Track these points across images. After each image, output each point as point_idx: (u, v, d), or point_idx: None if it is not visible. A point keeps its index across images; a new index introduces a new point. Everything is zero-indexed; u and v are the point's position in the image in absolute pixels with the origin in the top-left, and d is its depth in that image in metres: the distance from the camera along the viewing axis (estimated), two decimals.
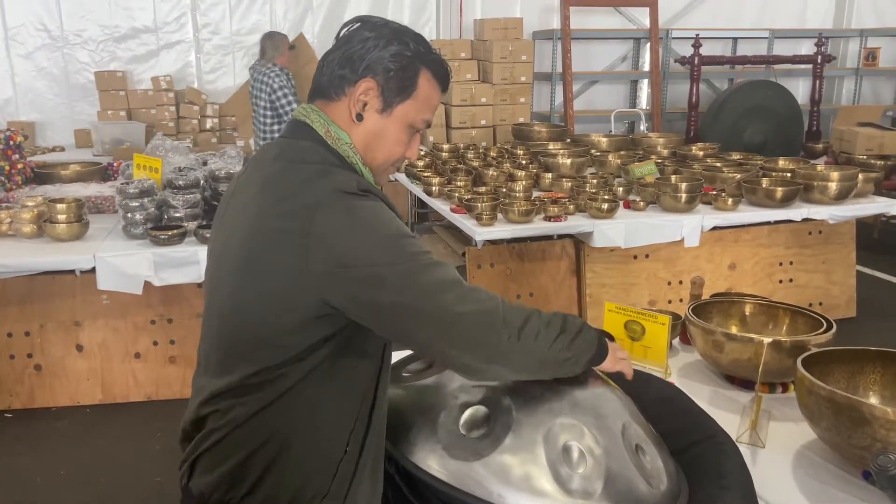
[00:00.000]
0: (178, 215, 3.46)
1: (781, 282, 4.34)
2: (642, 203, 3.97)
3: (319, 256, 1.14)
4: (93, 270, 3.22)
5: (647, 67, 7.51)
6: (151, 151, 4.02)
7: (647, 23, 7.19)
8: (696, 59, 6.27)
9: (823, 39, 6.66)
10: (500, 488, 1.19)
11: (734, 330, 1.89)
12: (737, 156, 5.01)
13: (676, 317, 2.02)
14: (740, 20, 7.78)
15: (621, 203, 3.92)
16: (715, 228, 3.96)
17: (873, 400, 1.56)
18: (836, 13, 8.25)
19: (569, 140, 5.65)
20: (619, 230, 3.73)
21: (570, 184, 4.26)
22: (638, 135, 6.11)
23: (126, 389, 3.55)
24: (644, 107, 7.59)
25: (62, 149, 6.19)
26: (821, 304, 4.39)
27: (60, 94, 6.43)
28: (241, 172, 1.39)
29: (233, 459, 1.24)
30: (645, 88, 7.73)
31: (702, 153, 5.06)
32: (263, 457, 1.23)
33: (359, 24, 1.30)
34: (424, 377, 1.44)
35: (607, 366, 1.35)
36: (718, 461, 1.34)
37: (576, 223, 3.77)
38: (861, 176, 4.19)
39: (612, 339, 1.55)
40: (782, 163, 4.72)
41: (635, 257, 4.02)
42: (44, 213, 3.42)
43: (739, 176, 4.21)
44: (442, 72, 1.34)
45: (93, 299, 3.42)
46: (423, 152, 5.26)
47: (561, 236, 3.95)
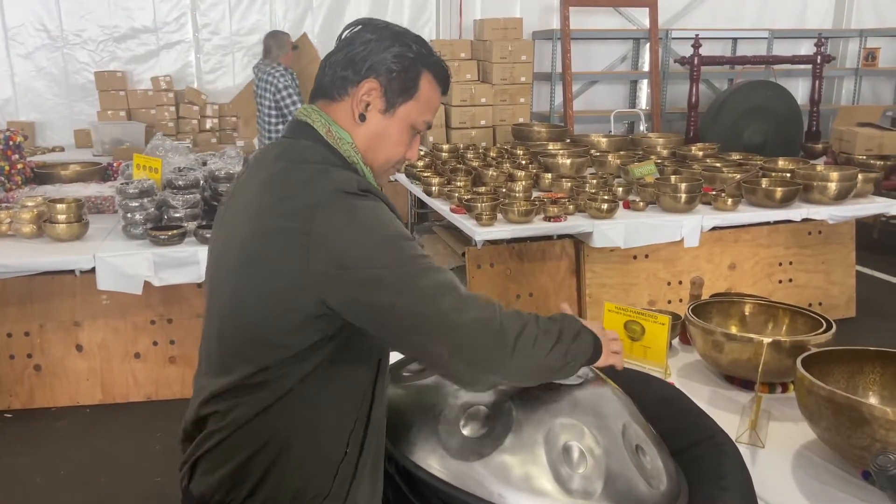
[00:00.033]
0: (177, 215, 3.46)
1: (781, 282, 4.34)
2: (642, 203, 3.97)
3: (320, 256, 1.14)
4: (93, 270, 3.22)
5: (646, 68, 7.51)
6: (151, 151, 4.02)
7: (647, 23, 7.19)
8: (696, 59, 6.26)
9: (823, 40, 6.65)
10: (501, 488, 1.19)
11: (734, 330, 1.89)
12: (736, 156, 5.01)
13: (676, 317, 2.02)
14: (740, 20, 7.78)
15: (621, 203, 3.92)
16: (714, 229, 3.96)
17: (873, 400, 1.57)
18: (835, 13, 8.25)
19: (568, 140, 5.65)
20: (619, 230, 3.73)
21: (569, 184, 4.26)
22: (637, 135, 6.11)
23: (126, 389, 3.55)
24: (644, 107, 7.59)
25: (62, 149, 6.18)
26: (820, 304, 4.39)
27: (60, 95, 6.42)
28: (242, 172, 1.39)
29: (234, 461, 1.24)
30: (644, 89, 7.73)
31: (701, 153, 5.06)
32: (264, 458, 1.23)
33: (361, 27, 1.32)
34: (425, 377, 1.44)
35: (599, 363, 1.36)
36: (718, 461, 1.34)
37: (575, 223, 3.77)
38: (860, 176, 4.19)
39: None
40: (782, 163, 4.72)
41: (635, 257, 4.02)
42: (44, 213, 3.43)
43: (739, 176, 4.21)
44: (443, 74, 1.35)
45: (93, 299, 3.42)
46: (422, 152, 5.26)
47: (561, 236, 3.95)
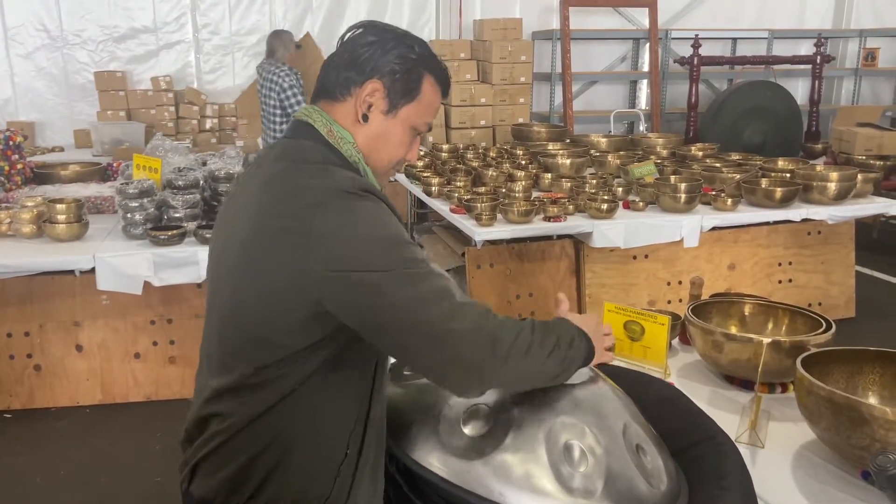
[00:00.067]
0: (177, 215, 3.46)
1: (781, 282, 4.34)
2: (642, 203, 3.97)
3: (320, 256, 1.14)
4: (92, 271, 3.22)
5: (646, 68, 7.51)
6: (151, 152, 4.02)
7: (647, 23, 7.19)
8: (696, 59, 6.27)
9: (823, 40, 6.66)
10: (502, 487, 1.19)
11: (733, 330, 1.90)
12: (736, 156, 5.01)
13: (676, 317, 2.02)
14: (739, 20, 7.78)
15: (621, 203, 3.92)
16: (714, 229, 3.96)
17: (872, 400, 1.57)
18: (835, 13, 8.26)
19: (568, 140, 5.65)
20: (619, 230, 3.74)
21: (569, 184, 4.26)
22: (637, 135, 6.11)
23: (126, 389, 3.55)
24: (643, 107, 7.59)
25: (62, 149, 6.18)
26: (820, 304, 4.39)
27: (60, 95, 6.42)
28: (242, 173, 1.39)
29: (235, 463, 1.24)
30: (644, 89, 7.73)
31: (701, 153, 5.06)
32: (266, 461, 1.23)
33: (363, 29, 1.32)
34: None
35: (591, 364, 1.35)
36: (718, 461, 1.34)
37: (575, 223, 3.77)
38: (860, 176, 4.19)
39: None
40: (781, 163, 4.72)
41: (635, 257, 4.02)
42: (43, 213, 3.42)
43: (739, 176, 4.21)
44: (444, 77, 1.36)
45: (92, 299, 3.42)
46: (422, 153, 5.26)
47: (560, 236, 3.95)
